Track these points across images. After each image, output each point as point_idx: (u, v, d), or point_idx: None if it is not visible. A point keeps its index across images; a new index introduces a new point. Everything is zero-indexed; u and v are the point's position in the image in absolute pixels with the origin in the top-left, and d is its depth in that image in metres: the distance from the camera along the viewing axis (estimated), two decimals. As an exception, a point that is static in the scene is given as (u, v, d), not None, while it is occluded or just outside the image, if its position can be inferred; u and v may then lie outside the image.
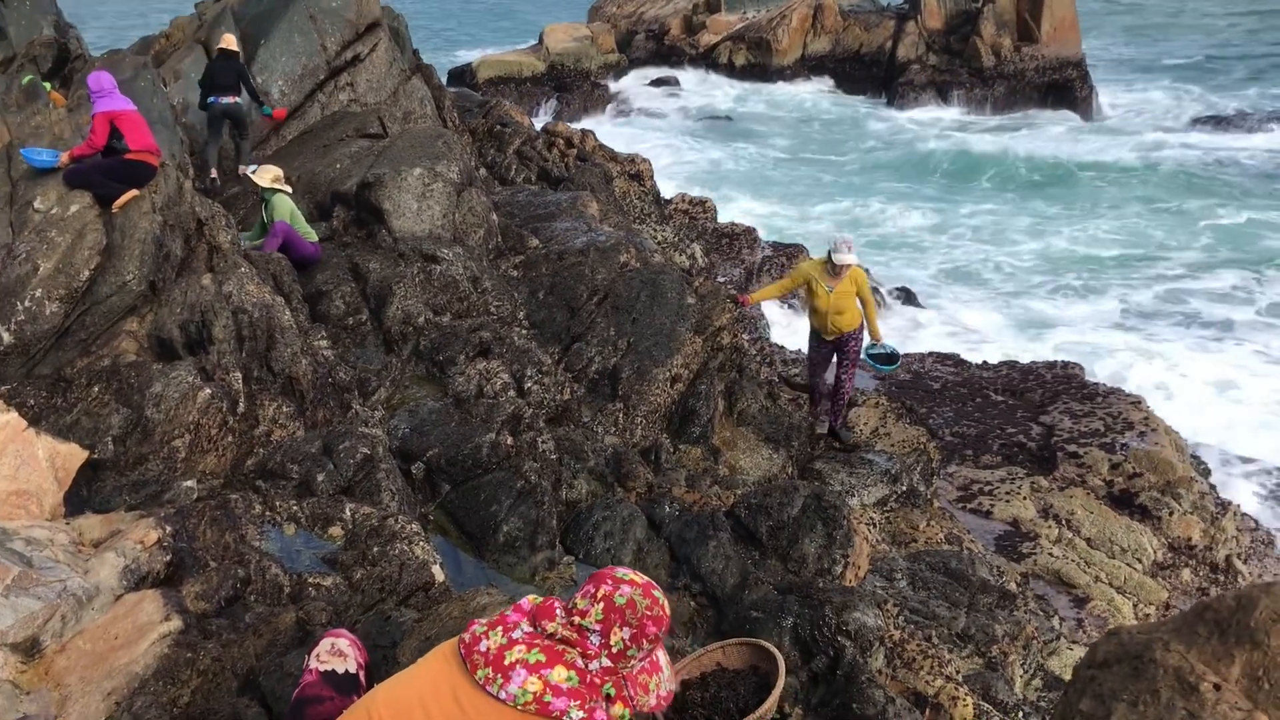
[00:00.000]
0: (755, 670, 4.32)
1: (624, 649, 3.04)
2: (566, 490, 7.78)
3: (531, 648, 2.97)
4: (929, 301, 22.66)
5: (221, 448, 7.13)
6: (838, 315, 10.45)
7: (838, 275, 10.25)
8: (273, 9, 16.19)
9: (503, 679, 2.91)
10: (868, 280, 10.81)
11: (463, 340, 9.00)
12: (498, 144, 17.14)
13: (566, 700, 2.89)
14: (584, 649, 3.00)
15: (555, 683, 2.91)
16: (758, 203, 34.16)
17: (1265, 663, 2.74)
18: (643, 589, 3.11)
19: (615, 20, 67.20)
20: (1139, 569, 11.02)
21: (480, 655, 2.97)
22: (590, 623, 3.03)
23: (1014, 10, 50.04)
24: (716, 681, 4.25)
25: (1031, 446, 12.99)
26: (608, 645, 3.03)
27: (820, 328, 10.70)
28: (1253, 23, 77.68)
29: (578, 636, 3.01)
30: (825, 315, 10.50)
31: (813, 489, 8.00)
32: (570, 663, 2.96)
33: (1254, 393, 18.81)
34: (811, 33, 56.11)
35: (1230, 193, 34.38)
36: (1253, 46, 67.50)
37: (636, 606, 3.06)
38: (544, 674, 2.91)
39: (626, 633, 3.04)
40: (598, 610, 3.04)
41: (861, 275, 10.51)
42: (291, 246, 9.73)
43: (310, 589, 5.28)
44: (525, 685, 2.89)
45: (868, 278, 10.93)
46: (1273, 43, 68.32)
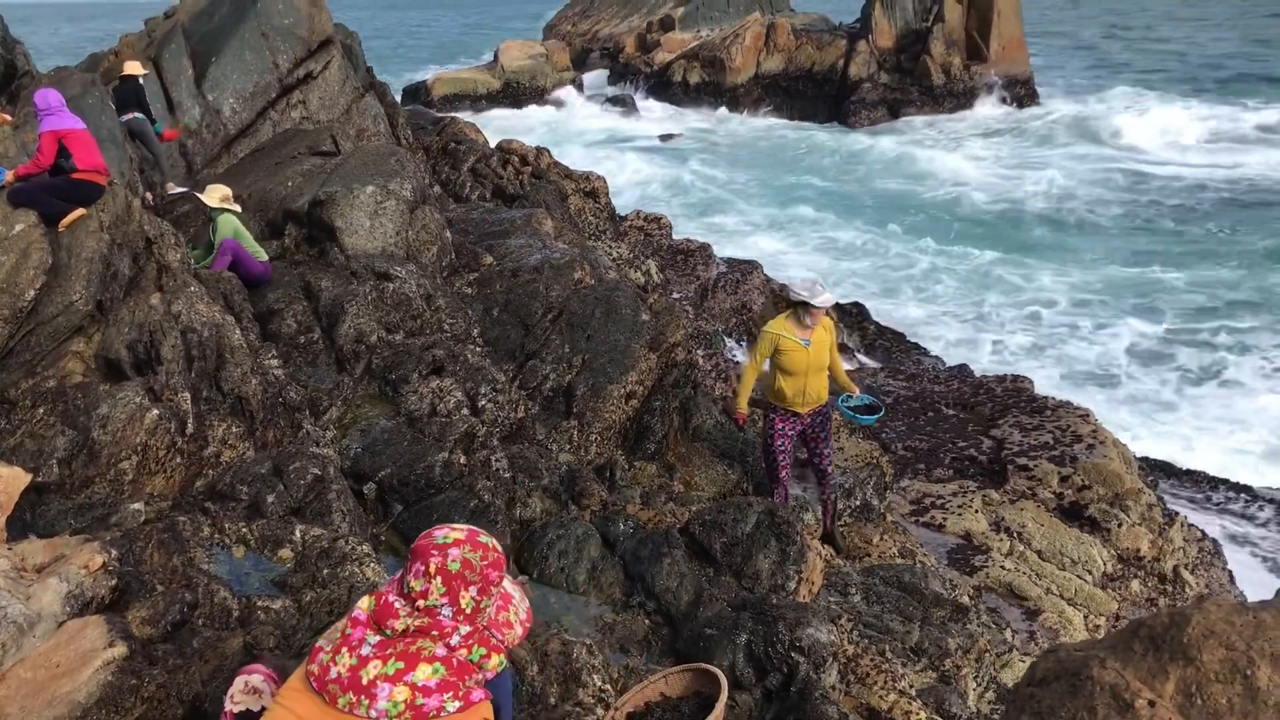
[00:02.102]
0: (699, 695, 4.33)
1: (476, 606, 3.01)
2: (520, 509, 7.76)
3: (386, 659, 2.91)
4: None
5: (170, 469, 7.04)
6: (817, 375, 8.88)
7: (810, 325, 8.74)
8: (224, 26, 16.08)
9: (368, 699, 2.85)
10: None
11: (416, 358, 8.96)
12: (452, 161, 17.12)
13: (439, 696, 2.86)
14: (440, 630, 2.96)
15: (422, 684, 2.87)
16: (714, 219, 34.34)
17: (1198, 679, 2.79)
18: (469, 544, 3.06)
19: (570, 38, 67.49)
20: (1089, 580, 11.15)
21: (335, 684, 2.90)
22: (435, 600, 2.97)
23: (963, 29, 50.81)
24: (660, 709, 4.25)
25: (982, 460, 13.13)
26: (461, 610, 2.99)
27: (795, 397, 8.93)
28: (1205, 38, 79.35)
29: (430, 620, 2.96)
30: (803, 378, 8.81)
31: (766, 505, 8.02)
32: (430, 657, 2.92)
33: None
34: (764, 51, 56.60)
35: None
36: (1202, 60, 68.97)
37: (473, 564, 3.02)
38: (408, 679, 2.87)
39: (473, 590, 3.01)
40: (437, 584, 2.98)
41: (829, 322, 9.03)
42: (241, 265, 9.65)
43: (259, 612, 5.22)
44: (393, 697, 2.84)
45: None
46: (1220, 54, 69.86)
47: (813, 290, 8.60)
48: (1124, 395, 20.35)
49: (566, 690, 5.29)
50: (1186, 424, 18.80)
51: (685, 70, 57.41)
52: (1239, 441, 17.87)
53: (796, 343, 8.71)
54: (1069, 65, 71.33)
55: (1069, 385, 20.33)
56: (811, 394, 8.87)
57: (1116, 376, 21.23)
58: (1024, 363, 21.69)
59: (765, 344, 8.89)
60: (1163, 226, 33.10)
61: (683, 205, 36.31)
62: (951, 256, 30.20)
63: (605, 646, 6.30)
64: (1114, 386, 20.79)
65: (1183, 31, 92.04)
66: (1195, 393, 20.29)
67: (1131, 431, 17.84)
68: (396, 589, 3.07)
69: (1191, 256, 29.39)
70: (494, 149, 18.63)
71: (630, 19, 66.87)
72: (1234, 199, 36.17)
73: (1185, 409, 19.55)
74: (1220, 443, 17.77)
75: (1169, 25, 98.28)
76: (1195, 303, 25.52)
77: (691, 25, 61.90)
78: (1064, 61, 73.18)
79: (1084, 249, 30.63)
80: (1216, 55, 74.24)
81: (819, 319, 8.72)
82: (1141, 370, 21.51)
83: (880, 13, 52.68)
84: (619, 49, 62.79)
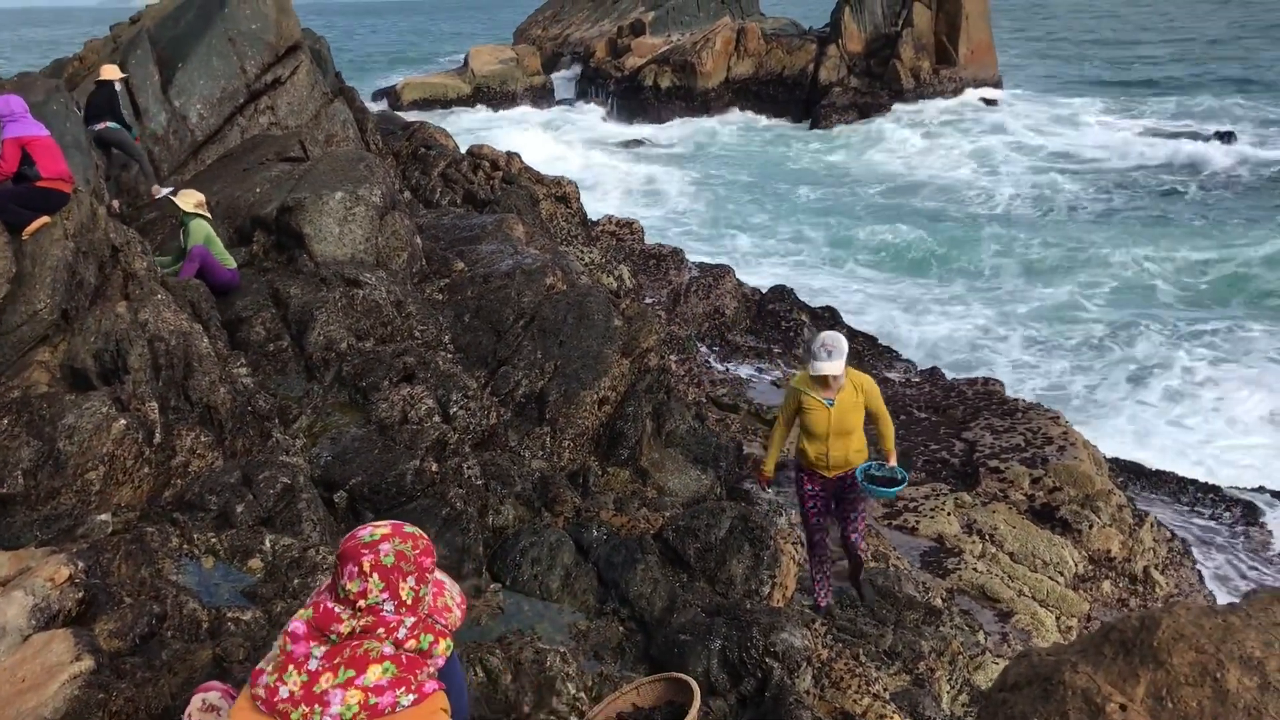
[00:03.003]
0: (671, 704, 4.32)
1: (416, 595, 3.04)
2: (493, 516, 7.72)
3: (336, 669, 2.91)
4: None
5: (137, 480, 6.96)
6: (842, 439, 7.81)
7: (832, 385, 7.70)
8: (190, 32, 15.95)
9: (321, 708, 2.85)
10: (877, 388, 8.03)
11: (386, 366, 8.91)
12: (422, 167, 17.05)
13: (391, 693, 2.88)
14: (385, 625, 2.97)
15: (374, 684, 2.88)
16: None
17: (1168, 682, 2.81)
18: (397, 536, 3.09)
19: (541, 42, 67.44)
20: (1061, 582, 11.22)
21: (287, 702, 2.89)
22: (376, 597, 2.98)
23: (932, 34, 51.16)
24: (632, 718, 4.24)
25: (954, 463, 13.19)
26: (403, 603, 3.01)
27: (818, 460, 7.91)
28: (1171, 48, 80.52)
29: (374, 618, 2.97)
30: (825, 440, 7.80)
31: (740, 510, 8.03)
32: (379, 657, 2.93)
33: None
34: (735, 56, 56.78)
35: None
36: (1166, 67, 69.97)
37: (406, 555, 3.05)
38: (358, 684, 2.88)
39: (411, 580, 3.03)
40: (375, 581, 2.99)
41: (869, 381, 7.93)
42: (209, 272, 9.56)
43: (229, 624, 5.17)
44: (346, 701, 2.85)
45: (875, 385, 8.08)
46: (1180, 58, 70.79)
47: (816, 353, 7.61)
48: (1076, 395, 20.56)
49: (540, 699, 5.26)
50: (1134, 424, 19.00)
51: (656, 75, 57.48)
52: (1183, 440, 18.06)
53: (819, 401, 7.72)
54: (1035, 69, 72.03)
55: (1035, 387, 20.48)
56: (836, 458, 7.84)
57: (1072, 381, 21.45)
58: (995, 365, 21.84)
59: (789, 401, 8.02)
60: (1125, 225, 33.48)
61: (655, 209, 36.33)
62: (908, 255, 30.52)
63: (579, 654, 6.28)
64: (1068, 389, 21.02)
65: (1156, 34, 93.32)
66: (1139, 393, 20.52)
67: (1091, 426, 18.06)
68: (331, 595, 3.05)
69: (1152, 250, 29.77)
70: (465, 154, 18.56)
71: (601, 23, 66.90)
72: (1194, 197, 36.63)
73: (1131, 409, 19.78)
74: (1162, 443, 17.93)
75: (1137, 31, 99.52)
76: (1145, 299, 25.92)
77: (662, 30, 62.00)
78: (1030, 65, 73.89)
79: (1051, 245, 30.92)
80: (1170, 59, 75.24)
81: (840, 380, 7.67)
82: (1090, 370, 21.79)
83: (850, 17, 52.97)
84: (589, 54, 62.80)
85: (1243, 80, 63.94)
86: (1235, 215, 34.22)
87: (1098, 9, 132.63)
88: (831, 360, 7.49)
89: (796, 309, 19.76)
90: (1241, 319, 24.37)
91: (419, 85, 57.33)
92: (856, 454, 7.88)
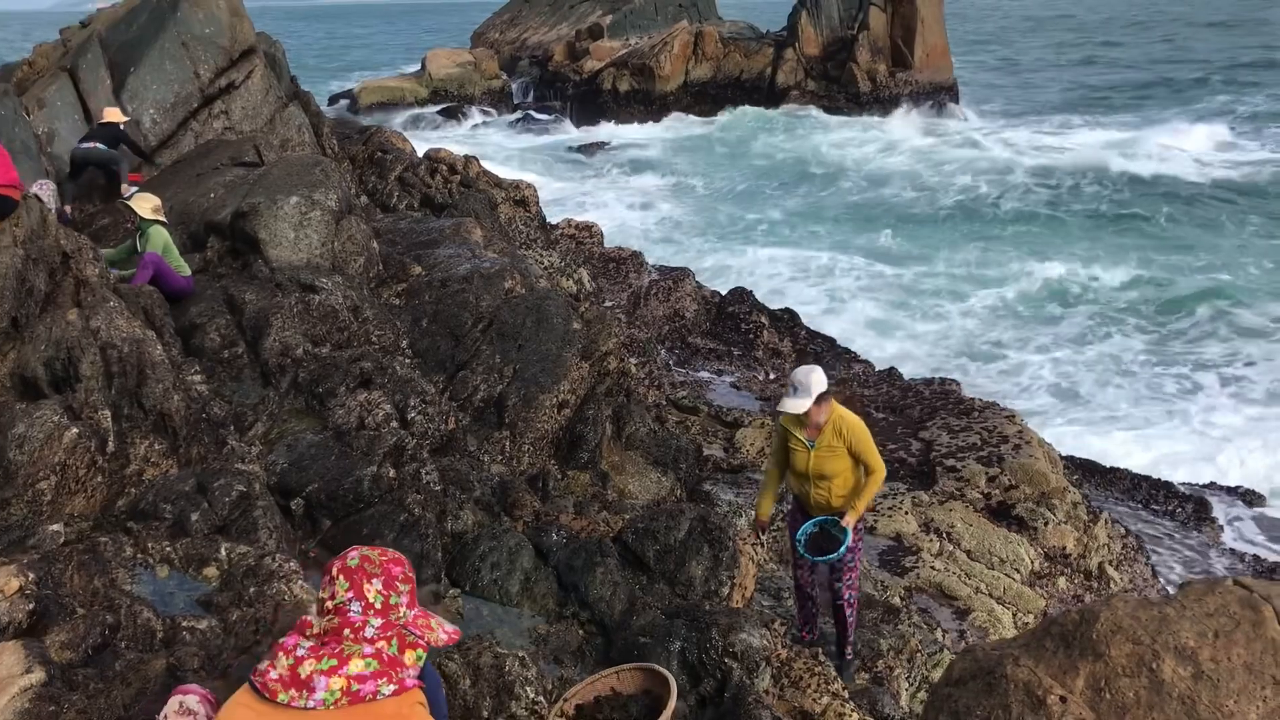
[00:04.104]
0: (648, 694, 4.36)
1: (385, 600, 3.08)
2: (451, 522, 7.70)
3: (320, 658, 2.98)
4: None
5: (90, 489, 6.88)
6: (823, 482, 7.27)
7: (809, 424, 7.15)
8: (142, 36, 15.78)
9: (307, 691, 2.92)
10: (868, 436, 7.28)
11: (343, 371, 8.86)
12: (379, 170, 16.97)
13: (374, 682, 2.93)
14: (351, 626, 3.02)
15: (357, 674, 2.94)
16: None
17: (1107, 673, 2.87)
18: (366, 548, 3.19)
19: (499, 46, 67.27)
20: (1017, 579, 11.34)
21: (276, 683, 2.97)
22: (342, 597, 3.05)
23: (887, 37, 51.56)
24: (610, 704, 4.27)
25: (912, 462, 13.31)
26: (370, 605, 3.05)
27: (801, 498, 7.53)
28: (1118, 52, 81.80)
29: (340, 619, 3.02)
30: (803, 482, 7.35)
31: (699, 511, 8.07)
32: (361, 654, 2.98)
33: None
34: (693, 59, 56.95)
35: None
36: (1120, 73, 71.09)
37: (371, 559, 3.12)
38: (342, 671, 2.94)
39: (378, 583, 3.08)
40: (340, 582, 3.07)
41: (856, 425, 7.21)
42: (163, 279, 9.46)
43: (184, 633, 5.13)
44: (330, 686, 2.91)
45: (866, 430, 7.31)
46: (1134, 65, 71.88)
47: (787, 387, 7.07)
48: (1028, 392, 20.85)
49: (499, 703, 5.26)
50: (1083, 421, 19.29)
51: (615, 78, 57.51)
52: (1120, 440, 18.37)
53: (801, 441, 7.23)
54: (990, 74, 72.89)
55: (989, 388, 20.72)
56: (817, 501, 7.34)
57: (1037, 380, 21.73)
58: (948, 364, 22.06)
59: (776, 438, 7.59)
60: (1086, 229, 33.94)
61: (616, 211, 36.37)
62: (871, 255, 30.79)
63: (539, 658, 6.28)
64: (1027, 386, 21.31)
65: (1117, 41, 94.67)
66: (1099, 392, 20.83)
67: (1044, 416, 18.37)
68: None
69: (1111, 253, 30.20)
70: (422, 158, 18.48)
71: (559, 27, 66.85)
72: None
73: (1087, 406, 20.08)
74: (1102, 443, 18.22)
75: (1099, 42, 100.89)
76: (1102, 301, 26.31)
77: (620, 33, 62.05)
78: (985, 70, 74.77)
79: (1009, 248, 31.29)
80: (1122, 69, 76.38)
81: (821, 417, 7.11)
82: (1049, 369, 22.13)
83: (806, 20, 53.29)
84: (548, 57, 62.72)
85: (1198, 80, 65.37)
86: (1197, 217, 34.82)
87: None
88: (796, 398, 6.96)
89: (756, 311, 19.85)
90: (1201, 322, 24.78)
91: (376, 89, 57.01)
92: (840, 499, 7.30)
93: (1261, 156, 43.63)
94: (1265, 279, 27.57)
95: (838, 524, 7.25)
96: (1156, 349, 23.14)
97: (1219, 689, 2.99)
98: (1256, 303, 25.50)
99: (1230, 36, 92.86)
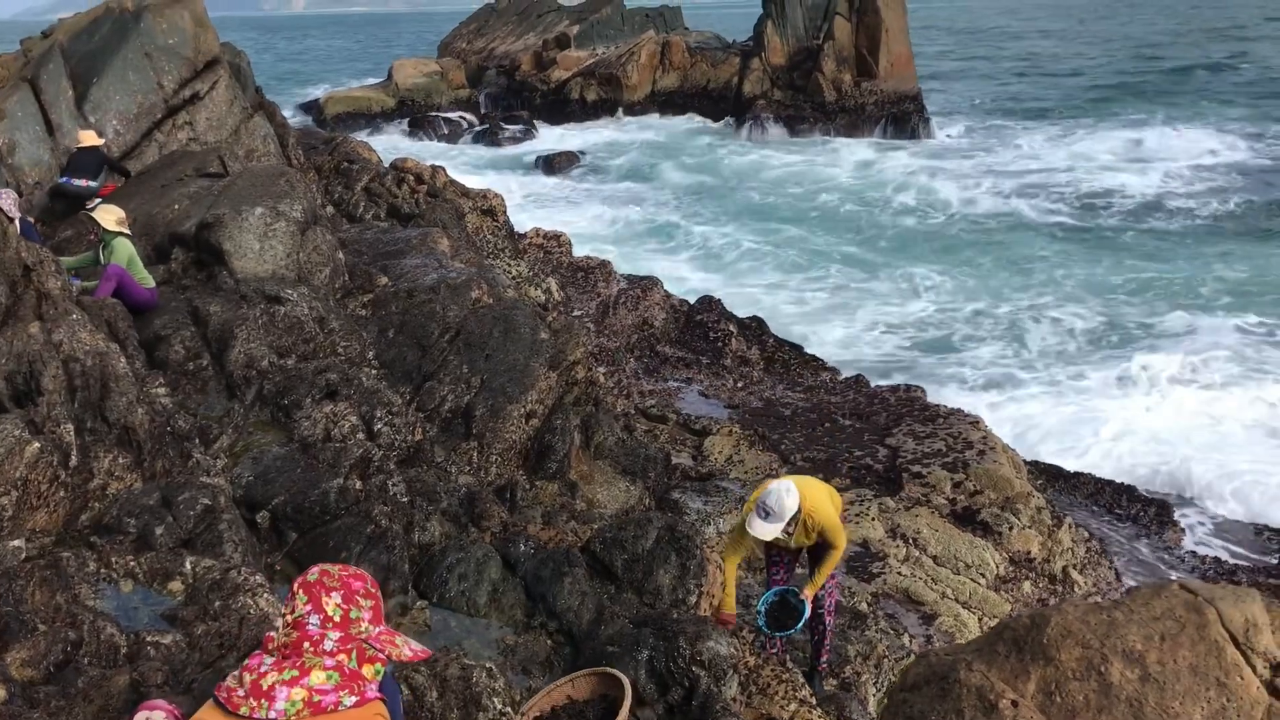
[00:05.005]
0: (604, 698, 4.38)
1: (344, 614, 3.09)
2: (419, 533, 7.69)
3: (282, 669, 3.00)
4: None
5: (53, 503, 6.81)
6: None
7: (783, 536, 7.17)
8: (105, 46, 15.67)
9: (268, 701, 2.95)
10: (833, 514, 7.29)
11: (309, 383, 8.83)
12: (345, 181, 16.90)
13: (335, 694, 2.96)
14: (309, 639, 3.03)
15: (318, 686, 2.96)
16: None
17: (1057, 677, 2.93)
18: (328, 564, 3.23)
19: (466, 56, 67.19)
20: (983, 583, 11.44)
21: (239, 697, 3.00)
22: (301, 611, 3.08)
23: (852, 47, 51.89)
24: (567, 713, 4.29)
25: (878, 468, 13.40)
26: (329, 618, 3.07)
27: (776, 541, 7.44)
28: (1079, 61, 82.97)
29: (298, 633, 3.05)
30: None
31: (666, 520, 8.09)
32: (322, 666, 3.00)
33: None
34: (660, 69, 57.16)
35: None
36: (1080, 81, 72.12)
37: (331, 573, 3.15)
38: (304, 682, 2.96)
39: (337, 597, 3.10)
40: (301, 597, 3.10)
41: (822, 510, 7.18)
42: (126, 292, 9.39)
43: (149, 648, 5.09)
44: (291, 697, 2.94)
45: (832, 510, 7.31)
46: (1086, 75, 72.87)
47: (758, 508, 6.97)
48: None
49: (466, 714, 5.26)
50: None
51: (582, 88, 57.63)
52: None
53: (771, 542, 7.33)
54: (955, 85, 73.64)
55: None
56: (796, 543, 7.40)
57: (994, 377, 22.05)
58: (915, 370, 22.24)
59: (736, 535, 7.41)
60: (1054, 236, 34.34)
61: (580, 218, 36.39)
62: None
63: (507, 669, 6.29)
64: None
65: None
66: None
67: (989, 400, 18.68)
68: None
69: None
70: (388, 167, 18.42)
71: (526, 37, 66.87)
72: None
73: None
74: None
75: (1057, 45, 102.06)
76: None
77: (587, 43, 62.18)
78: (950, 80, 75.52)
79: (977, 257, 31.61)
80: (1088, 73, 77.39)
81: (793, 528, 7.12)
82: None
83: (772, 30, 53.56)
84: (515, 67, 62.72)
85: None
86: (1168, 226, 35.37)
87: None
88: (768, 523, 6.90)
89: (724, 319, 19.94)
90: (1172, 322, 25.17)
91: (342, 99, 56.80)
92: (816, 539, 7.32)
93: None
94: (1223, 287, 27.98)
95: (797, 594, 7.32)
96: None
97: (1165, 691, 3.06)
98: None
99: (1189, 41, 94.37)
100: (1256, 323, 24.71)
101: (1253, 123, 53.27)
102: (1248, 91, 64.72)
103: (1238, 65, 76.78)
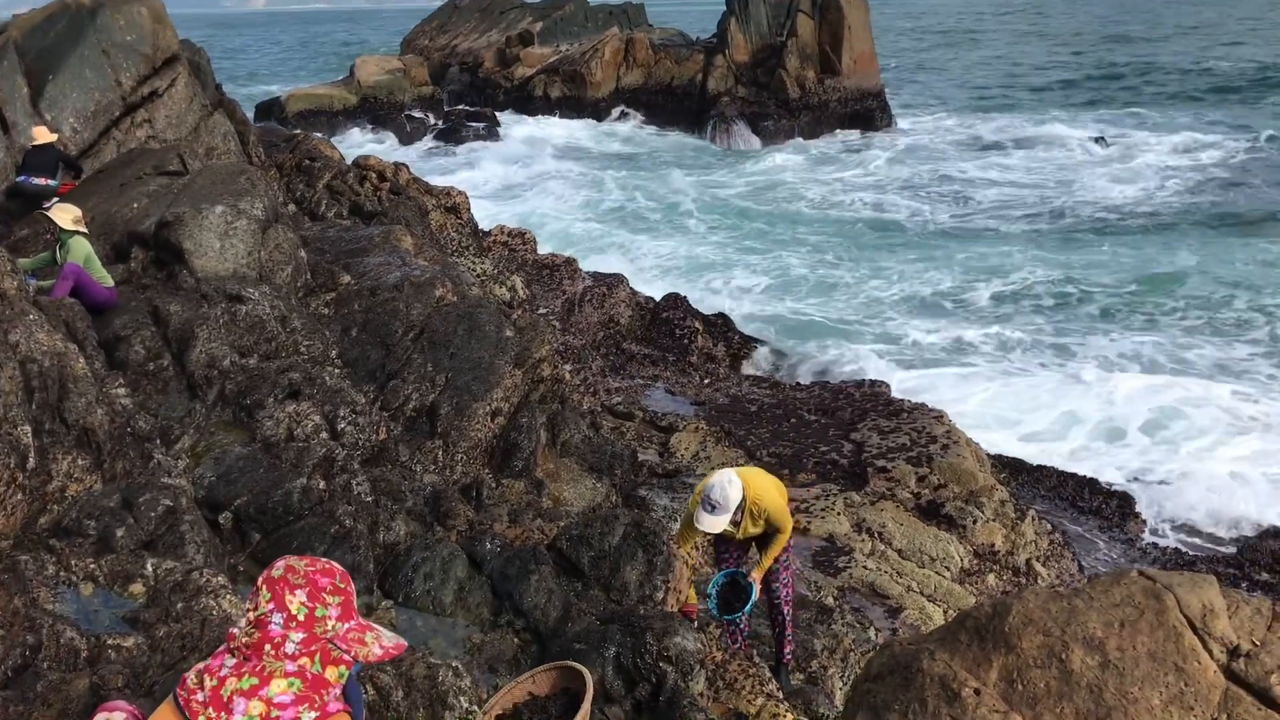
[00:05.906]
0: (566, 692, 4.38)
1: (309, 612, 2.96)
2: (384, 533, 7.64)
3: (241, 676, 2.90)
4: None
5: (10, 507, 6.72)
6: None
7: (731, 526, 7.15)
8: (61, 43, 15.46)
9: (225, 714, 2.85)
10: (778, 499, 7.35)
11: (271, 382, 8.76)
12: (307, 179, 16.78)
13: (294, 709, 2.85)
14: (270, 640, 2.92)
15: (276, 698, 2.86)
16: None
17: (1019, 665, 2.96)
18: (298, 558, 3.07)
19: (428, 53, 66.83)
20: (948, 577, 11.53)
21: (199, 704, 2.90)
22: (264, 609, 2.95)
23: (816, 44, 52.10)
24: (529, 709, 4.28)
25: (844, 463, 13.47)
26: (292, 617, 2.94)
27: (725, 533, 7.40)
28: (1045, 58, 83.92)
29: (260, 633, 2.93)
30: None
31: (633, 516, 8.09)
32: (283, 674, 2.90)
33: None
34: (624, 66, 57.10)
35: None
36: (1040, 77, 72.89)
37: (296, 569, 3.01)
38: (262, 694, 2.86)
39: (301, 594, 2.97)
40: (264, 593, 2.97)
41: (767, 496, 7.23)
42: (84, 292, 9.26)
43: (110, 651, 5.04)
44: (249, 710, 2.84)
45: (777, 495, 7.37)
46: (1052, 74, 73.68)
47: (703, 501, 6.96)
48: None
49: (433, 713, 5.24)
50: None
51: (546, 85, 57.49)
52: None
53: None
54: (914, 82, 74.20)
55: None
56: (744, 535, 7.41)
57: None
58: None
59: (686, 528, 7.45)
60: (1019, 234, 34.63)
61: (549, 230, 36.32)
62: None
63: (473, 667, 6.27)
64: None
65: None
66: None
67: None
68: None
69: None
70: (351, 165, 18.31)
71: (489, 34, 66.58)
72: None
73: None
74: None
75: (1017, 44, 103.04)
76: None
77: (550, 40, 61.99)
78: (910, 77, 76.08)
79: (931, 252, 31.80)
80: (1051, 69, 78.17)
81: (739, 517, 7.15)
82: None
83: (736, 27, 53.65)
84: (478, 64, 62.47)
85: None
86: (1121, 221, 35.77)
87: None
88: (715, 515, 6.91)
89: (690, 316, 19.97)
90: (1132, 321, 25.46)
91: (304, 96, 56.27)
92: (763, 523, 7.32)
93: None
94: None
95: (745, 576, 7.35)
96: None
97: (1125, 677, 3.10)
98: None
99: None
100: (1215, 315, 25.05)
101: (1224, 118, 54.22)
102: (1218, 88, 65.77)
103: (1208, 61, 77.87)
